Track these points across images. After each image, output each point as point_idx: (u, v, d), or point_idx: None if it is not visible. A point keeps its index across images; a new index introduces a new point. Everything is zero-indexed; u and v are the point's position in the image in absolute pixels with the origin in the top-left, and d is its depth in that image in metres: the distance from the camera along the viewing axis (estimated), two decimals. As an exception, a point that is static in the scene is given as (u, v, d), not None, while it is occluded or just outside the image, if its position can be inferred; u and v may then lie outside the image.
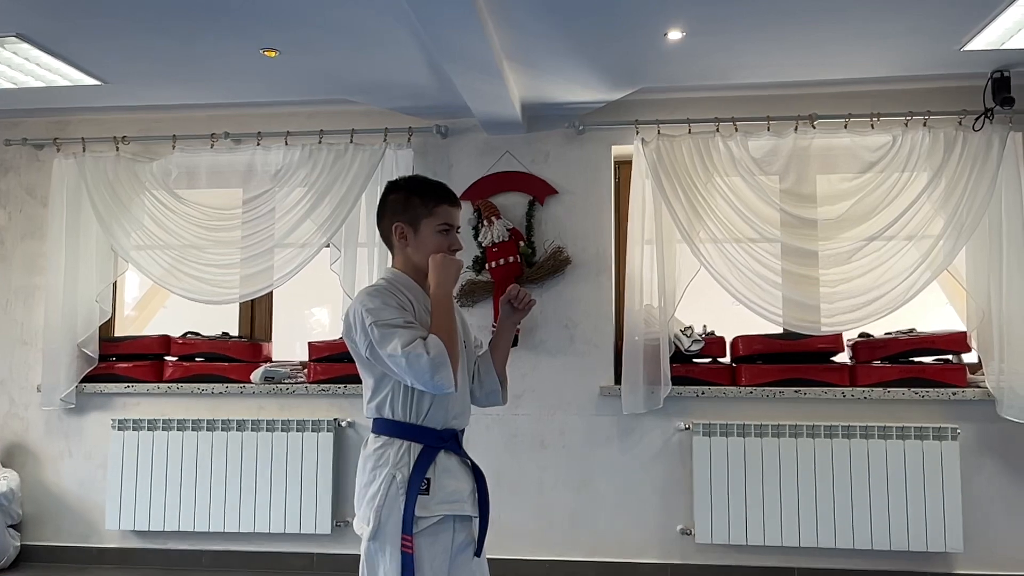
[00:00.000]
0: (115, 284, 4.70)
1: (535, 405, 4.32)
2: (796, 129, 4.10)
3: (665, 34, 3.47)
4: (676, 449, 4.21)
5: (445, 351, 1.94)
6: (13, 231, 4.75)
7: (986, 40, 3.53)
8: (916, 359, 4.14)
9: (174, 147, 4.52)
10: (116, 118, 4.65)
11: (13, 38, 3.50)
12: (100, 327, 4.55)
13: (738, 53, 3.72)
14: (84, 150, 4.56)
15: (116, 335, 4.76)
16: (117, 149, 4.55)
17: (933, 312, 4.44)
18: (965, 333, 4.09)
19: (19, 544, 4.47)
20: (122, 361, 4.60)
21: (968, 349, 4.09)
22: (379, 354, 1.98)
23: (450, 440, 2.10)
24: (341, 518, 4.32)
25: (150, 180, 4.51)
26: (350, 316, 2.06)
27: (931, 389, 4.03)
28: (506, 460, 4.29)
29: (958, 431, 3.95)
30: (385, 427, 2.07)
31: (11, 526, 4.42)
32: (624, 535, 4.21)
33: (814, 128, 4.10)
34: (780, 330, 4.11)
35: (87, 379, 4.54)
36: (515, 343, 4.02)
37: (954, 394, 4.01)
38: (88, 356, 4.52)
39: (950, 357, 4.13)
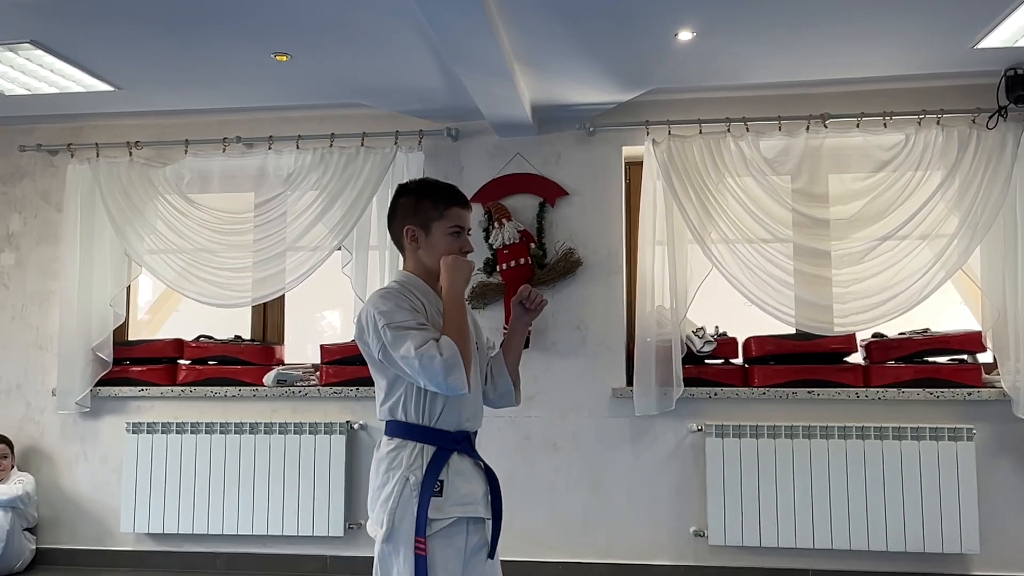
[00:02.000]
0: (128, 288, 4.74)
1: (547, 407, 4.32)
2: (808, 129, 4.08)
3: (675, 34, 3.46)
4: (689, 450, 4.19)
5: (458, 352, 1.94)
6: (28, 236, 4.79)
7: (999, 38, 3.50)
8: (931, 359, 4.11)
9: (187, 152, 4.55)
10: (129, 123, 4.68)
11: (27, 45, 3.54)
12: (114, 331, 4.59)
13: (749, 53, 3.71)
14: (98, 155, 4.60)
15: (130, 339, 4.80)
16: (130, 154, 4.58)
17: (948, 312, 4.40)
18: (980, 333, 4.06)
19: (35, 547, 4.50)
20: (136, 365, 4.63)
21: (983, 349, 4.06)
22: (392, 356, 1.98)
23: (463, 442, 2.10)
24: (354, 520, 4.33)
25: (163, 185, 4.54)
26: (362, 319, 2.06)
27: (946, 389, 4.00)
28: (518, 462, 4.28)
29: (974, 431, 3.92)
30: (398, 429, 2.07)
31: (27, 529, 4.45)
32: (637, 537, 4.20)
33: (826, 127, 4.08)
34: (793, 331, 4.10)
35: (101, 383, 4.58)
36: (527, 345, 4.02)
37: (969, 394, 3.98)
38: (102, 360, 4.56)
39: (965, 357, 4.10)
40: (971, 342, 4.06)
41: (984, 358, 4.13)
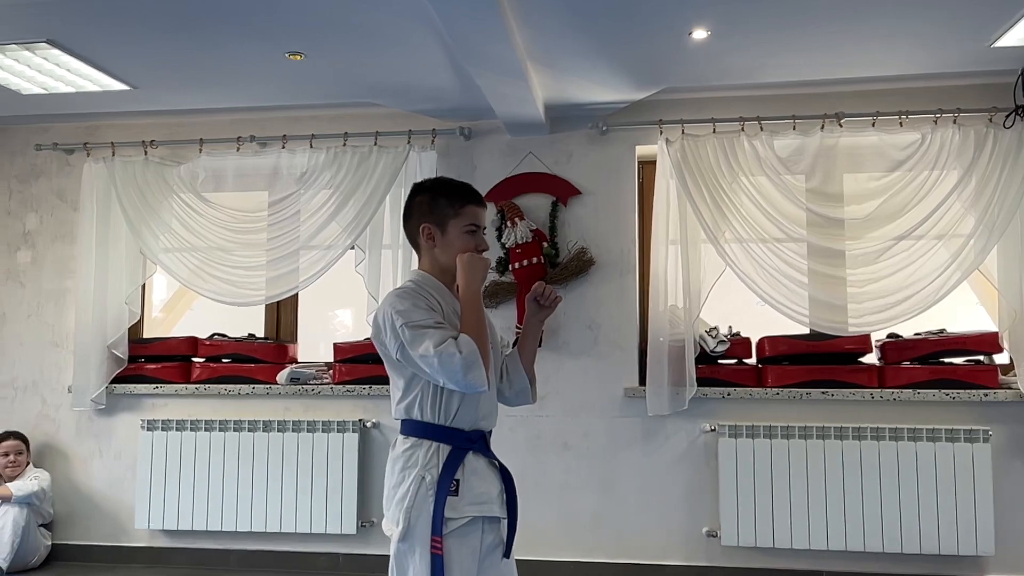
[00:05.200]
0: (143, 286, 4.76)
1: (559, 406, 4.31)
2: (823, 128, 4.06)
3: (690, 33, 3.45)
4: (701, 451, 4.18)
5: (477, 350, 1.94)
6: (44, 235, 4.83)
7: (1016, 36, 3.48)
8: (946, 360, 4.08)
9: (201, 151, 4.57)
10: (144, 123, 4.71)
11: (44, 44, 3.56)
12: (129, 329, 4.61)
13: (763, 52, 3.69)
14: (113, 154, 4.62)
15: (145, 337, 4.83)
16: (145, 153, 4.61)
17: (964, 312, 4.37)
18: (997, 333, 4.03)
19: (50, 543, 4.53)
20: (151, 362, 4.66)
21: (1000, 350, 4.03)
22: (410, 355, 1.98)
23: (478, 441, 2.10)
24: (366, 518, 4.34)
25: (177, 183, 4.56)
26: (379, 318, 2.06)
27: (962, 390, 3.97)
28: (530, 461, 4.28)
29: (990, 433, 3.88)
30: (414, 428, 2.07)
31: (42, 525, 4.48)
32: (649, 537, 4.19)
33: (841, 127, 4.06)
34: (807, 331, 4.08)
35: (117, 380, 4.60)
36: (539, 344, 4.03)
37: (986, 395, 3.95)
38: (118, 357, 4.58)
39: (981, 358, 4.07)
40: (987, 343, 4.03)
41: (1001, 359, 4.10)
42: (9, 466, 4.43)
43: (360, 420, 4.39)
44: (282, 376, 4.49)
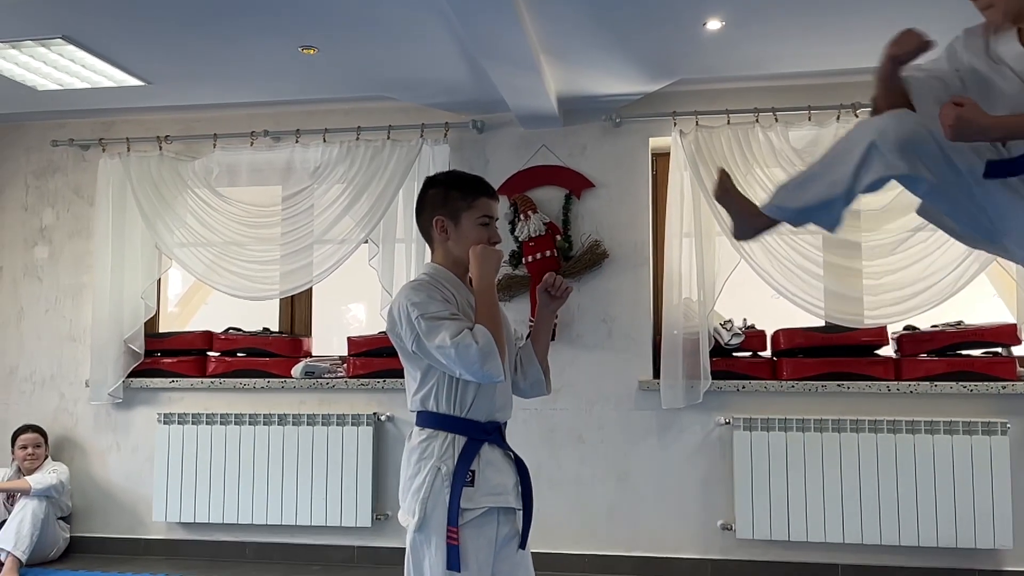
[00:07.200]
0: (159, 281, 4.79)
1: (573, 399, 4.31)
2: (838, 119, 4.03)
3: (704, 24, 3.43)
4: (716, 444, 4.17)
5: (492, 340, 1.95)
6: (61, 230, 4.86)
7: (1037, 24, 3.43)
8: (964, 352, 4.05)
9: (215, 146, 4.59)
10: (159, 118, 4.73)
11: (59, 40, 3.59)
12: (145, 323, 4.65)
13: (778, 42, 3.67)
14: (128, 150, 4.65)
15: (161, 331, 4.86)
16: (160, 148, 4.64)
17: (981, 304, 4.33)
18: (1015, 325, 3.99)
19: (68, 536, 4.58)
20: (167, 356, 4.69)
21: (1018, 342, 3.99)
22: (426, 347, 1.99)
23: (494, 433, 2.11)
24: (381, 511, 4.36)
25: (192, 178, 4.59)
26: (394, 311, 2.07)
27: (980, 383, 3.93)
28: (544, 454, 4.28)
29: (1008, 425, 3.85)
30: (430, 420, 2.08)
31: (61, 518, 4.53)
32: (663, 530, 4.18)
33: (857, 117, 4.01)
34: (822, 323, 4.06)
35: (133, 374, 4.64)
36: (553, 337, 4.02)
37: (1004, 388, 3.92)
38: (134, 352, 4.62)
39: (999, 350, 4.03)
40: (1005, 335, 3.99)
41: (1019, 351, 4.06)
42: (28, 459, 4.47)
43: (374, 413, 4.40)
44: (297, 370, 4.51)
